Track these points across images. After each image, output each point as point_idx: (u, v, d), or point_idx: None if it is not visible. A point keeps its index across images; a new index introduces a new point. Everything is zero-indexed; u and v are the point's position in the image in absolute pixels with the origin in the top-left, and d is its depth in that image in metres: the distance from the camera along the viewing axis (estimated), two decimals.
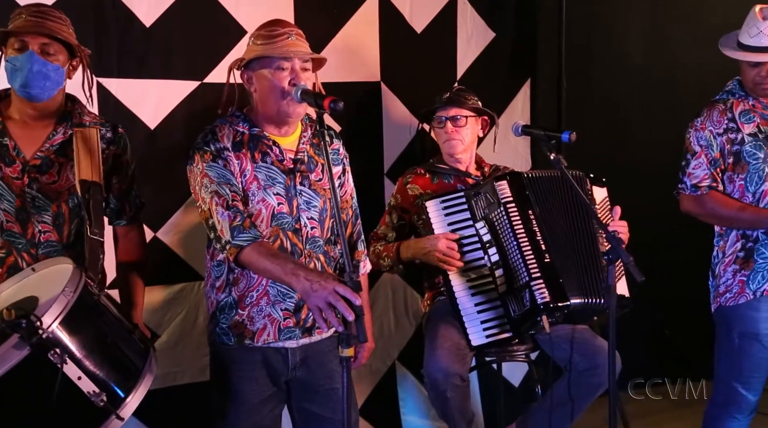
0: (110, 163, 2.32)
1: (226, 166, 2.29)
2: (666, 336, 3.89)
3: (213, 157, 2.29)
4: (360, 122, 3.34)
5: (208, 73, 3.01)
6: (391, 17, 3.42)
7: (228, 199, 2.26)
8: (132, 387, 2.00)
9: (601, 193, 2.98)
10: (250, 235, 2.23)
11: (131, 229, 2.43)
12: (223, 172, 2.28)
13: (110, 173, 2.34)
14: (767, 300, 2.82)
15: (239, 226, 2.23)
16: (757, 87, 2.84)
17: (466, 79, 3.60)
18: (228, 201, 2.25)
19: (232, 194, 2.27)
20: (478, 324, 2.82)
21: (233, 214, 2.24)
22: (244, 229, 2.23)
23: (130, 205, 2.40)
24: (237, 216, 2.24)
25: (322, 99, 2.16)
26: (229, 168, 2.29)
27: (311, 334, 2.39)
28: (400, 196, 3.10)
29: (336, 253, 2.45)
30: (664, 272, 3.67)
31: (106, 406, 1.94)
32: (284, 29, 2.32)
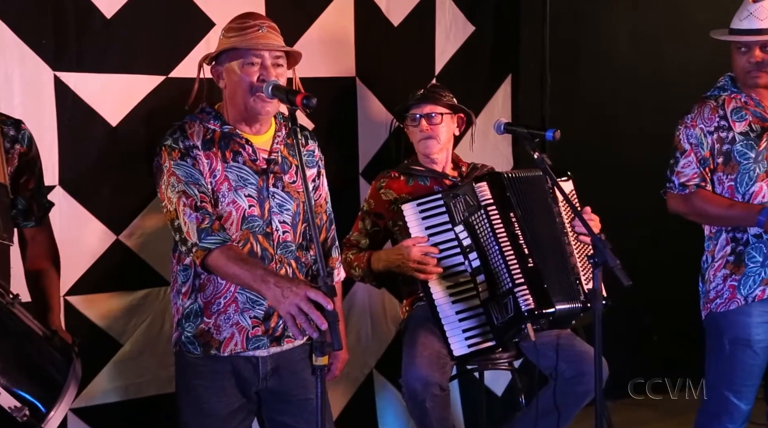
0: (16, 162, 2.25)
1: (195, 165, 2.26)
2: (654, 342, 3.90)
3: (181, 154, 2.27)
4: (334, 120, 3.32)
5: (174, 67, 2.97)
6: (367, 10, 3.40)
7: (196, 200, 2.23)
8: (55, 399, 1.98)
9: (565, 187, 2.96)
10: (219, 238, 2.21)
11: (40, 232, 2.35)
12: (192, 172, 2.26)
13: (17, 173, 2.26)
14: (759, 306, 2.83)
15: (207, 228, 2.20)
16: (748, 76, 2.85)
17: (444, 74, 3.59)
18: (196, 202, 2.23)
19: (200, 195, 2.24)
20: (459, 333, 2.81)
21: (201, 215, 2.22)
22: (213, 232, 2.20)
23: (39, 205, 2.33)
24: (205, 218, 2.22)
25: (294, 95, 2.14)
26: (198, 167, 2.27)
27: (280, 344, 2.37)
28: (374, 201, 3.08)
29: (308, 259, 2.43)
30: (652, 275, 3.69)
31: (29, 421, 1.92)
32: (255, 21, 2.30)
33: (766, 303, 2.82)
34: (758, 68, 2.81)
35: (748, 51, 2.82)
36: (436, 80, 3.56)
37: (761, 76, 2.82)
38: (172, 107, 2.81)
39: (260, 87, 2.24)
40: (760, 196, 2.83)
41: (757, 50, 2.81)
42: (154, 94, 2.94)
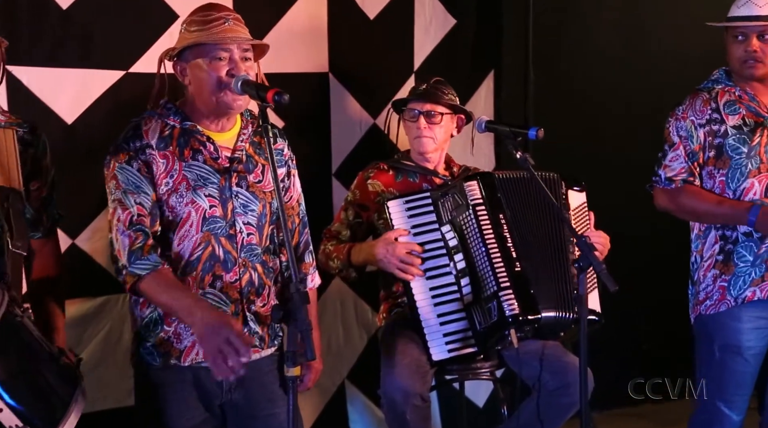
0: (28, 167, 2.23)
1: (142, 169, 2.25)
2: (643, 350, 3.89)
3: (128, 158, 2.25)
4: (305, 117, 3.29)
5: (134, 62, 2.94)
6: (341, 2, 3.37)
7: (132, 213, 2.23)
8: (59, 422, 1.95)
9: (578, 197, 2.95)
10: (149, 263, 2.20)
11: (47, 243, 2.32)
12: (134, 178, 2.25)
13: (28, 179, 2.24)
14: (750, 309, 2.82)
15: (138, 251, 2.20)
16: (744, 66, 2.83)
17: (423, 70, 3.57)
18: (132, 215, 2.23)
19: (137, 206, 2.23)
20: (440, 338, 2.79)
21: (134, 233, 2.21)
22: (143, 255, 2.20)
23: (48, 216, 2.30)
24: (138, 237, 2.21)
25: (265, 91, 2.12)
26: (145, 172, 2.25)
27: None
28: (359, 192, 3.05)
29: (277, 264, 2.41)
30: (642, 279, 3.68)
31: None
32: (220, 14, 2.27)
33: (756, 305, 2.81)
34: (755, 58, 2.80)
35: (746, 39, 2.81)
36: (415, 76, 3.54)
37: (758, 66, 2.81)
38: (132, 104, 2.79)
39: (229, 82, 2.22)
40: (751, 193, 2.81)
41: (754, 38, 2.80)
42: (113, 90, 2.90)
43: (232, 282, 2.30)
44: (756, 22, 2.78)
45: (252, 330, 2.34)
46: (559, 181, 2.89)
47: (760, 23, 2.78)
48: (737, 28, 2.82)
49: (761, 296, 2.80)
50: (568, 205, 2.88)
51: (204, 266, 2.28)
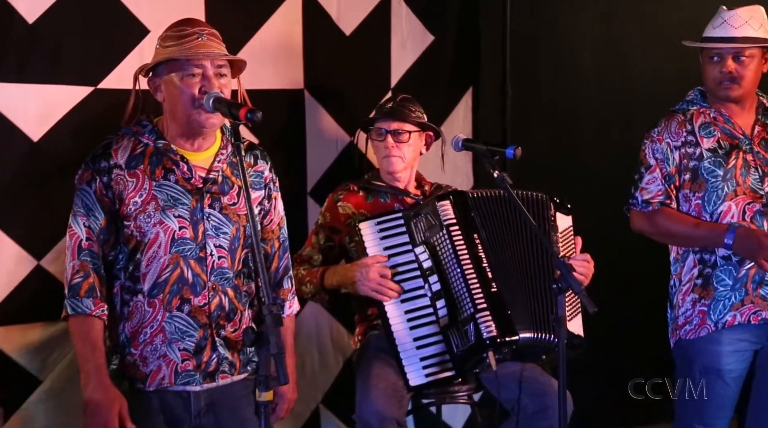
0: None
1: (98, 190, 2.26)
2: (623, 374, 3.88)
3: (90, 177, 2.27)
4: (280, 135, 3.28)
5: (103, 77, 2.90)
6: (316, 17, 3.36)
7: (81, 237, 2.26)
8: None
9: (565, 220, 2.96)
10: (79, 308, 2.24)
11: None
12: (88, 200, 2.27)
13: None
14: (730, 333, 2.82)
15: (76, 287, 2.25)
16: (719, 87, 2.85)
17: (401, 87, 3.56)
18: (81, 239, 2.26)
19: (86, 230, 2.26)
20: (417, 362, 2.77)
21: (79, 263, 2.25)
22: (77, 295, 2.24)
23: None
24: (80, 271, 2.25)
25: (237, 109, 2.12)
26: (101, 194, 2.26)
27: (215, 379, 2.32)
28: (330, 215, 3.04)
29: (252, 288, 2.40)
30: (621, 300, 3.67)
31: None
32: (194, 29, 2.27)
33: (736, 330, 2.81)
34: (730, 79, 2.81)
35: (721, 60, 2.83)
36: (392, 93, 3.53)
37: (733, 87, 2.83)
38: (101, 121, 2.79)
39: (201, 100, 2.22)
40: (728, 216, 2.82)
41: (729, 60, 2.81)
42: (81, 107, 2.87)
43: (200, 306, 2.29)
44: (731, 44, 2.80)
45: (221, 356, 2.32)
46: (547, 202, 2.89)
47: (735, 45, 2.80)
48: (713, 49, 2.84)
49: (741, 320, 2.81)
50: (557, 227, 2.88)
51: (172, 288, 2.27)
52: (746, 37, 2.80)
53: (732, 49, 2.80)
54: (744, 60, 2.81)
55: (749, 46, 2.80)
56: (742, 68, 2.81)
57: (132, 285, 2.29)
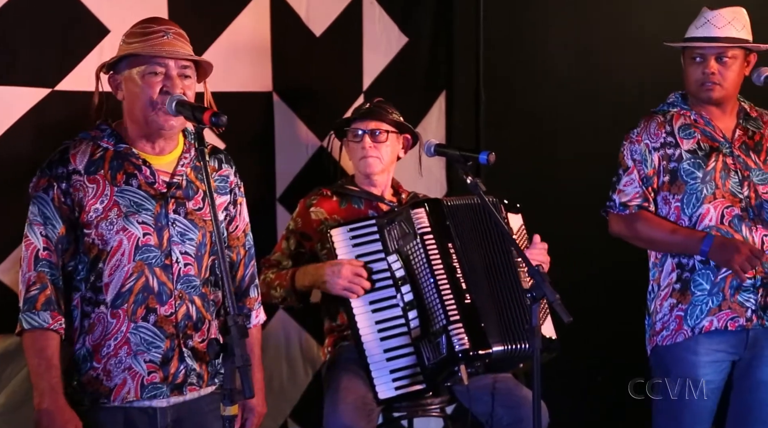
0: None
1: (56, 198, 2.21)
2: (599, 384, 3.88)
3: (47, 184, 2.23)
4: (248, 139, 3.23)
5: (61, 79, 2.84)
6: (285, 17, 3.32)
7: (38, 247, 2.21)
8: None
9: (516, 220, 2.96)
10: (35, 322, 2.19)
11: None
12: (45, 208, 2.22)
13: None
14: (707, 341, 2.81)
15: (31, 300, 2.19)
16: (701, 88, 2.84)
17: (373, 90, 3.54)
18: (38, 249, 2.21)
19: (43, 239, 2.21)
20: (387, 374, 2.76)
21: (35, 275, 2.20)
22: (33, 308, 2.19)
23: None
24: (36, 284, 2.20)
25: (201, 112, 2.08)
26: (59, 202, 2.21)
27: (182, 392, 2.29)
28: (302, 220, 3.00)
29: (219, 297, 2.37)
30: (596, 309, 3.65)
31: None
32: (160, 26, 2.25)
33: (713, 336, 2.81)
34: (713, 80, 2.81)
35: (704, 61, 2.82)
36: (364, 96, 3.52)
37: (716, 89, 2.83)
38: (59, 124, 2.74)
39: (163, 101, 2.18)
40: (707, 219, 2.82)
41: (712, 60, 2.81)
42: (38, 109, 2.80)
43: (167, 315, 2.26)
44: (715, 43, 2.79)
45: (189, 368, 2.29)
46: (498, 205, 2.89)
47: (719, 45, 2.80)
48: (695, 49, 2.83)
49: (718, 326, 2.80)
50: (511, 229, 2.88)
51: (136, 298, 2.24)
52: (729, 37, 2.80)
53: (715, 49, 2.80)
54: (727, 61, 2.81)
55: (733, 46, 2.80)
56: (725, 69, 2.81)
57: (94, 296, 2.25)
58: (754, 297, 2.80)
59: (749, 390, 2.88)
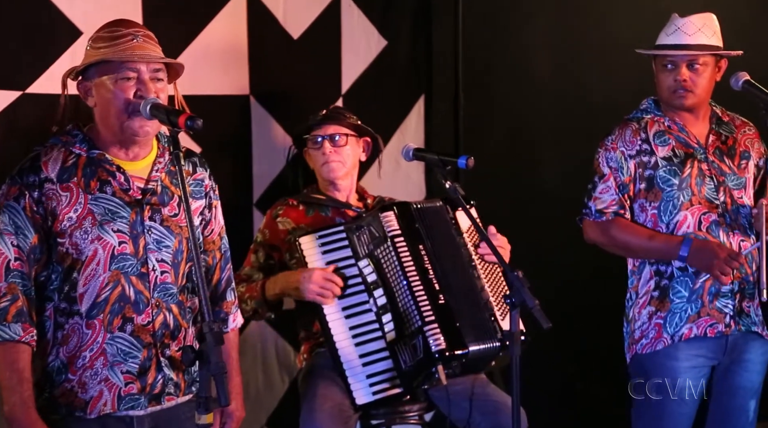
0: None
1: (28, 207, 2.17)
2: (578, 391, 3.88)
3: (18, 193, 2.18)
4: (224, 143, 3.22)
5: (32, 81, 2.81)
6: (262, 19, 3.30)
7: (9, 257, 2.15)
8: None
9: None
10: (6, 335, 2.14)
11: None
12: (17, 217, 2.17)
13: None
14: (686, 347, 2.82)
15: (2, 312, 2.15)
16: (673, 95, 2.85)
17: (352, 93, 3.53)
18: (9, 259, 2.15)
19: (14, 249, 2.16)
20: (363, 380, 2.75)
21: (7, 287, 2.14)
22: (4, 320, 2.14)
23: None
24: (7, 294, 2.14)
25: (176, 115, 2.07)
26: (31, 211, 2.17)
27: (160, 402, 2.27)
28: (269, 232, 3.00)
29: (195, 304, 2.35)
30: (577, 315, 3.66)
31: None
32: (129, 30, 2.22)
33: (693, 343, 2.82)
34: (684, 87, 2.82)
35: (675, 68, 2.83)
36: (343, 100, 3.51)
37: (687, 96, 2.84)
38: (30, 127, 2.71)
39: (137, 105, 2.15)
40: (684, 226, 2.83)
41: (684, 68, 2.82)
42: (8, 112, 2.77)
43: (144, 324, 2.23)
44: (685, 51, 2.80)
45: (167, 377, 2.27)
46: (444, 206, 2.91)
47: (689, 53, 2.81)
48: (666, 56, 2.84)
49: (698, 333, 2.81)
50: (461, 229, 2.89)
51: (113, 308, 2.20)
52: (700, 44, 2.81)
53: (686, 56, 2.81)
54: (698, 68, 2.82)
55: (703, 54, 2.81)
56: (696, 76, 2.82)
57: (68, 307, 2.21)
58: (732, 303, 2.82)
59: (728, 396, 2.89)
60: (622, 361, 2.96)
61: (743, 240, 2.84)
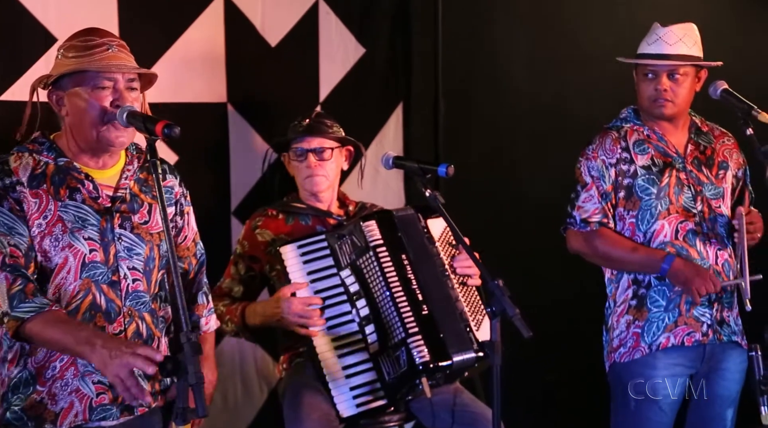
0: None
1: (13, 208, 2.13)
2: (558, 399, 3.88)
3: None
4: (202, 151, 3.20)
5: (6, 88, 2.77)
6: (240, 26, 3.28)
7: (5, 255, 2.10)
8: None
9: (438, 225, 2.93)
10: (35, 305, 2.08)
11: None
12: (5, 219, 2.13)
13: None
14: (664, 356, 2.83)
15: (19, 293, 2.08)
16: (654, 105, 2.87)
17: (330, 101, 3.52)
18: (5, 256, 2.10)
19: (10, 248, 2.12)
20: (347, 392, 2.73)
21: (12, 276, 2.09)
22: (26, 297, 2.08)
23: None
24: (17, 280, 2.09)
25: (153, 123, 2.05)
26: (17, 211, 2.13)
27: (133, 413, 2.24)
28: (248, 243, 2.97)
29: (168, 313, 2.34)
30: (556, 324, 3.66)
31: None
32: (103, 39, 2.20)
33: (671, 352, 2.83)
34: (665, 97, 2.83)
35: (656, 78, 2.85)
36: (321, 107, 3.49)
37: (668, 105, 2.85)
38: (3, 135, 2.59)
39: (113, 114, 2.14)
40: (661, 235, 2.84)
41: (664, 77, 2.84)
42: None
43: (116, 333, 2.21)
44: (666, 61, 2.82)
45: None
46: (415, 215, 2.88)
47: (670, 62, 2.82)
48: (647, 66, 2.85)
49: (675, 342, 2.82)
50: (432, 237, 2.87)
51: (84, 317, 2.18)
52: (680, 54, 2.83)
53: (666, 66, 2.83)
54: (678, 78, 2.84)
55: (684, 64, 2.83)
56: (677, 86, 2.84)
57: None
58: (710, 312, 2.83)
59: (706, 405, 2.91)
60: (603, 370, 2.96)
61: (720, 249, 2.86)
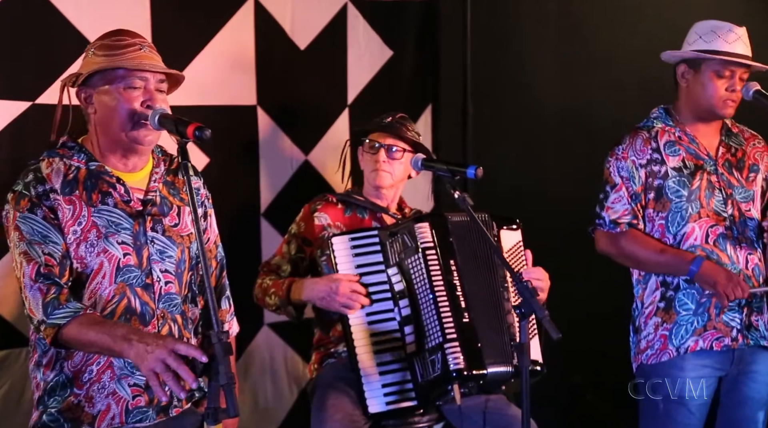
0: None
1: (47, 216, 2.14)
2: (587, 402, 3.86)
3: (31, 205, 2.14)
4: (232, 153, 3.22)
5: (42, 92, 2.81)
6: (270, 30, 3.31)
7: (40, 264, 2.11)
8: None
9: (512, 237, 2.92)
10: (69, 310, 2.09)
11: None
12: (39, 227, 2.13)
13: None
14: (693, 358, 2.81)
15: (53, 301, 2.09)
16: (725, 104, 2.81)
17: (358, 103, 3.54)
18: (39, 266, 2.10)
19: (45, 257, 2.12)
20: (378, 388, 2.73)
21: (45, 285, 2.10)
22: (60, 304, 2.09)
23: None
24: (51, 289, 2.10)
25: (184, 126, 2.05)
26: (50, 220, 2.14)
27: (168, 414, 2.27)
28: (305, 225, 2.98)
29: (196, 314, 2.35)
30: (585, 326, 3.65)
31: None
32: (134, 39, 2.22)
33: (700, 355, 2.81)
34: (733, 98, 2.79)
35: (732, 77, 2.79)
36: (349, 110, 3.51)
37: (733, 106, 2.82)
38: (39, 138, 2.65)
39: (145, 115, 2.14)
40: (691, 238, 2.82)
41: (737, 78, 2.79)
42: (17, 123, 2.77)
43: None
44: (754, 63, 2.78)
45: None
46: (489, 221, 2.86)
47: (757, 65, 2.78)
48: (729, 64, 2.78)
49: (704, 346, 2.80)
50: (501, 247, 2.85)
51: (119, 321, 2.18)
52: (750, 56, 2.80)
53: (745, 67, 2.78)
54: (744, 79, 2.81)
55: (762, 67, 2.79)
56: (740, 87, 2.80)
57: None
58: (739, 317, 2.81)
59: (736, 406, 2.89)
60: (631, 371, 2.95)
61: (750, 253, 2.83)
